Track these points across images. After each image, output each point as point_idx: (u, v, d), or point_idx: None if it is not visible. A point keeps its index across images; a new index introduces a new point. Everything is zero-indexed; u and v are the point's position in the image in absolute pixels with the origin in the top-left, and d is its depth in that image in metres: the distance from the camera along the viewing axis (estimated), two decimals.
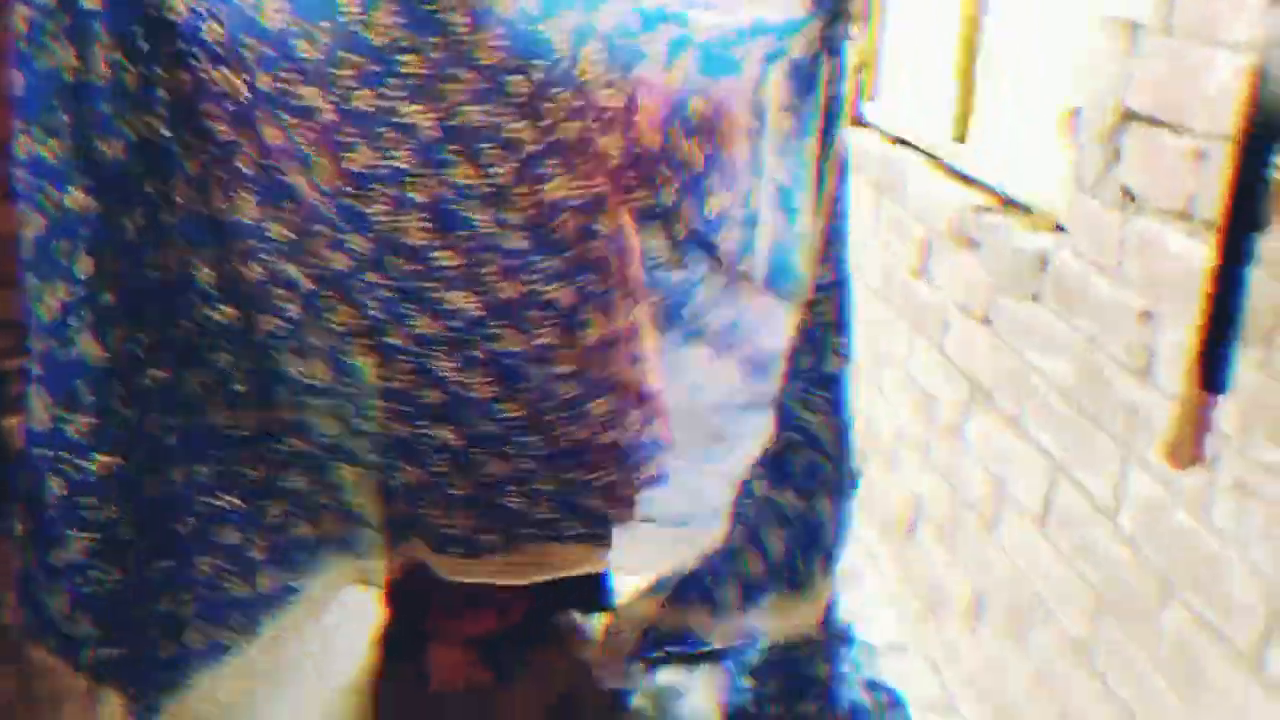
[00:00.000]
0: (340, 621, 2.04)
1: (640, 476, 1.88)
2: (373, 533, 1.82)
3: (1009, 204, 2.02)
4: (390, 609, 2.11)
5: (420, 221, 1.60)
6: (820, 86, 1.53)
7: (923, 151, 2.41)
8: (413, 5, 1.50)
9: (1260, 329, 1.27)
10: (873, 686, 2.04)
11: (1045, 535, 1.79)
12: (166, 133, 1.51)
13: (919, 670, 2.23)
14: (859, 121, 2.84)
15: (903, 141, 2.54)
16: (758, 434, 1.73)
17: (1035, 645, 1.83)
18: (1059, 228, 1.81)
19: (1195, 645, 1.40)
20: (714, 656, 2.07)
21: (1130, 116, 1.54)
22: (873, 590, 2.49)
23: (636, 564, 1.94)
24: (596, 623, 2.19)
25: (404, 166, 1.57)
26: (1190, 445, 1.38)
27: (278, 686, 1.81)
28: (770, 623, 1.81)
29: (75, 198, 1.43)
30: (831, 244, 1.60)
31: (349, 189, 1.57)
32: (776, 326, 1.71)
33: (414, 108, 1.54)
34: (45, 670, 1.61)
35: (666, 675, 2.11)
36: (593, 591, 2.17)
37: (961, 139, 2.26)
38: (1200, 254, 1.37)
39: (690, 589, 1.85)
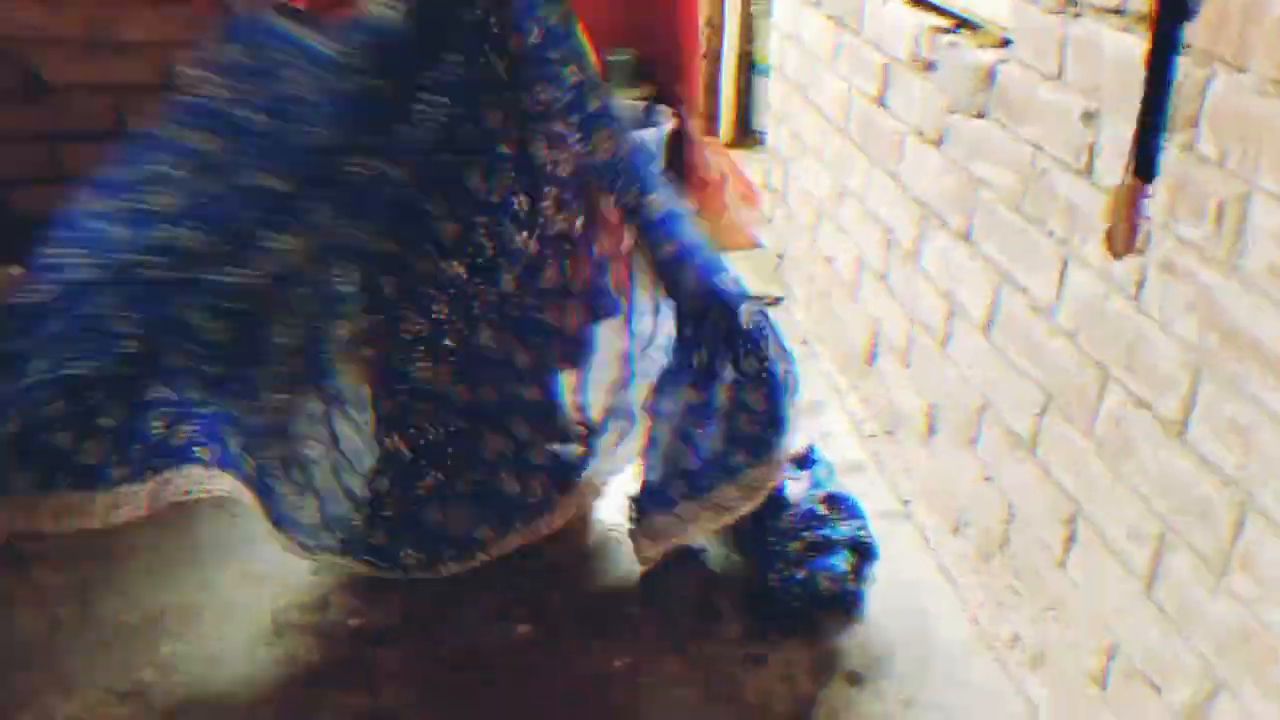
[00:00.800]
0: None
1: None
2: None
3: (964, 24, 2.05)
4: None
5: None
6: None
7: None
8: None
9: (1185, 115, 1.33)
10: (831, 500, 2.15)
11: (991, 342, 1.88)
12: None
13: (876, 484, 2.35)
14: None
15: None
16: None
17: (983, 447, 1.94)
18: (1005, 42, 1.84)
19: (1128, 423, 1.50)
20: None
21: None
22: (834, 418, 2.59)
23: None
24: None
25: None
26: (1125, 233, 1.45)
27: None
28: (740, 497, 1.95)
29: None
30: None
31: None
32: None
33: None
34: None
35: None
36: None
37: None
38: (1136, 49, 1.41)
39: (658, 500, 2.00)
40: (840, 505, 2.13)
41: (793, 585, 2.00)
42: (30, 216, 2.79)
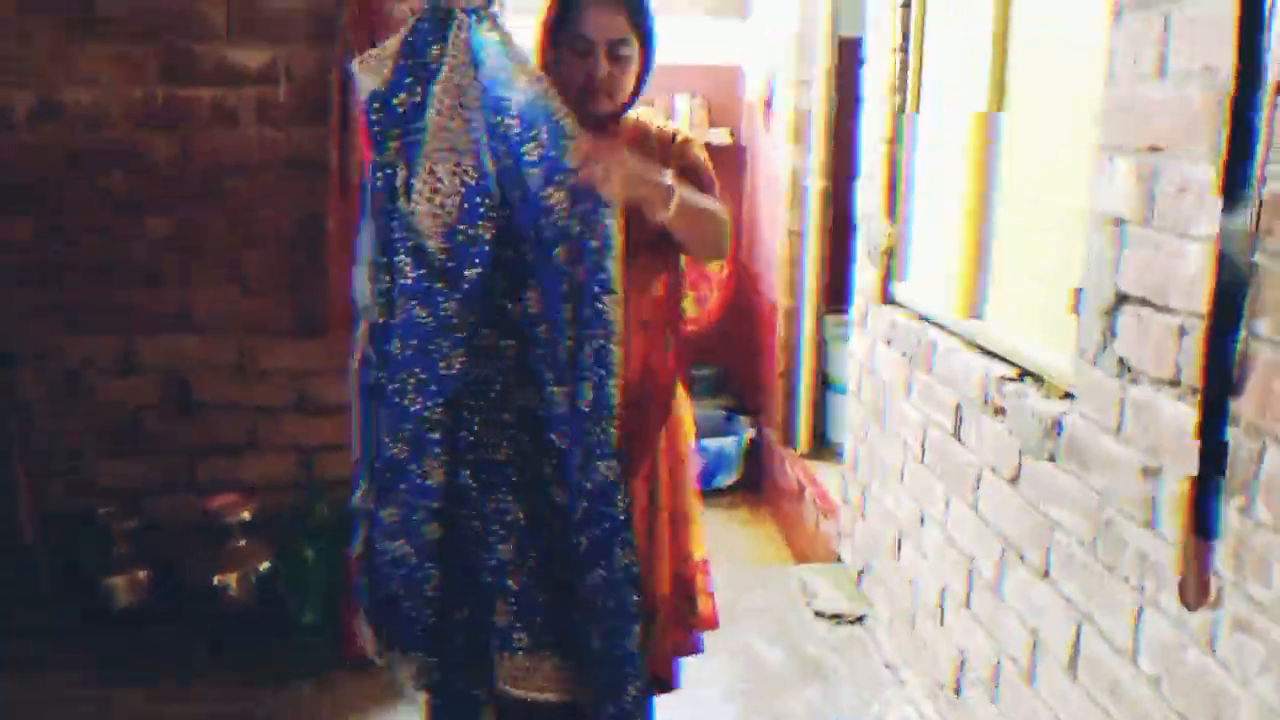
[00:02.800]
0: None
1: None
2: None
3: (1026, 374, 2.23)
4: None
5: None
6: None
7: (947, 329, 2.65)
8: None
9: (1240, 480, 1.45)
10: None
11: (1077, 681, 1.92)
12: None
13: None
14: (890, 300, 3.10)
15: (928, 319, 2.79)
16: None
17: None
18: (1069, 395, 2.01)
19: None
20: None
21: (1122, 298, 1.76)
22: None
23: None
24: None
25: None
26: (1197, 586, 1.54)
27: None
28: None
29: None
30: None
31: None
32: None
33: None
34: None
35: None
36: None
37: (978, 317, 2.50)
38: (1188, 416, 1.56)
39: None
40: None
41: None
42: (162, 523, 3.07)
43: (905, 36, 2.99)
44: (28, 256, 2.94)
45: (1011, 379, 2.25)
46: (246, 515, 2.99)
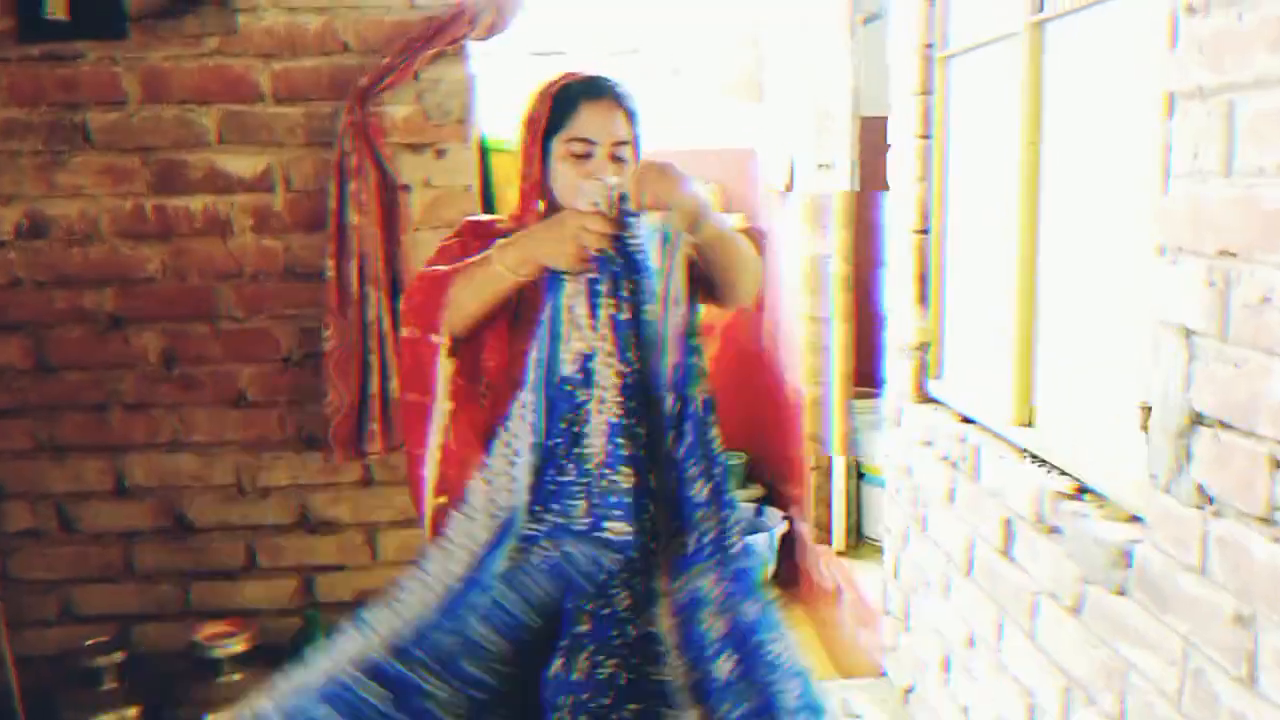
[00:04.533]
0: None
1: None
2: None
3: (1085, 490, 2.02)
4: None
5: None
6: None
7: (992, 432, 2.44)
8: None
9: None
10: None
11: None
12: None
13: None
14: (926, 398, 2.90)
15: (972, 421, 2.58)
16: None
17: None
18: (1136, 518, 1.80)
19: None
20: None
21: (1198, 419, 1.56)
22: None
23: None
24: None
25: None
26: None
27: None
28: None
29: None
30: None
31: None
32: None
33: None
34: None
35: None
36: None
37: (1026, 423, 2.29)
38: None
39: None
40: None
41: None
42: (153, 653, 2.88)
43: (928, 122, 2.84)
44: (16, 381, 2.80)
45: (1068, 495, 2.04)
46: (240, 646, 2.79)
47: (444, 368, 1.72)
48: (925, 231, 2.87)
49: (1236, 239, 1.46)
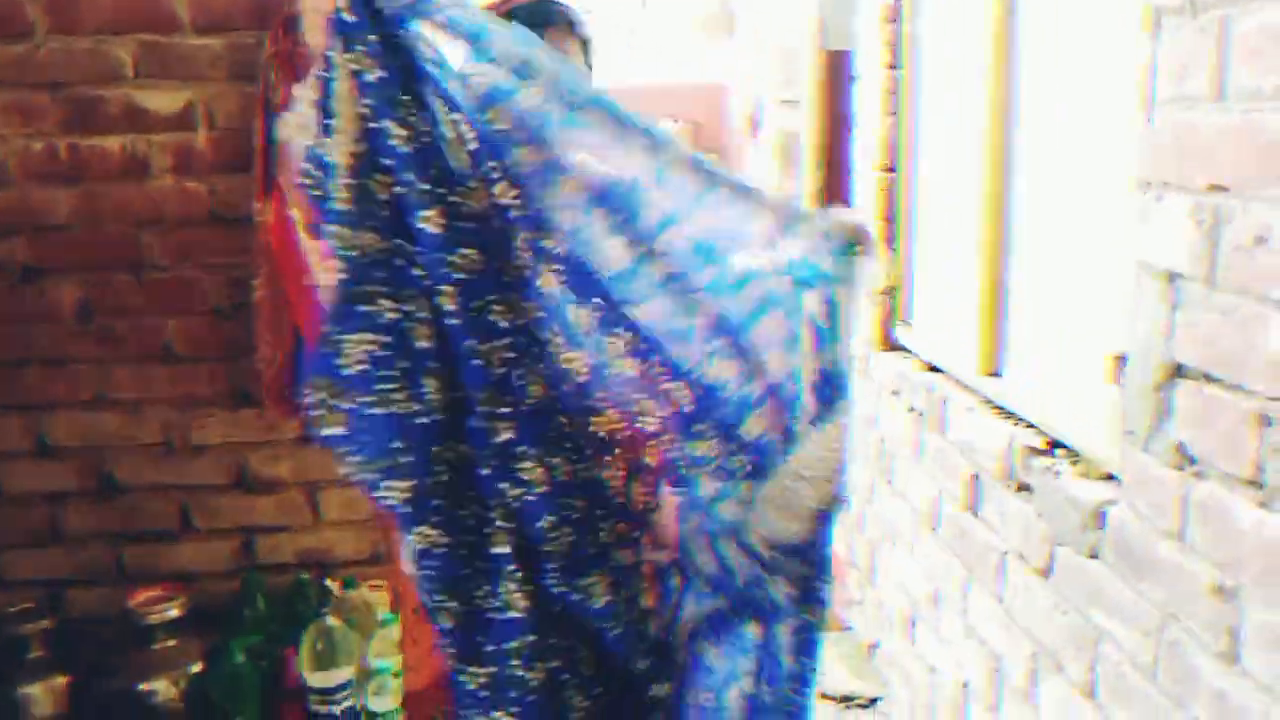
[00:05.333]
0: None
1: None
2: None
3: (1057, 445, 1.90)
4: None
5: None
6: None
7: (960, 383, 2.31)
8: None
9: None
10: None
11: None
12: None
13: None
14: (893, 345, 2.76)
15: (939, 369, 2.45)
16: None
17: None
18: (1111, 477, 1.68)
19: None
20: None
21: (1179, 371, 1.43)
22: None
23: None
24: None
25: None
26: None
27: None
28: None
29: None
30: None
31: None
32: None
33: None
34: None
35: None
36: None
37: (993, 373, 2.16)
38: (1277, 527, 1.22)
39: None
40: None
41: None
42: (85, 619, 2.74)
43: (896, 51, 2.66)
44: None
45: (1040, 450, 1.91)
46: (174, 612, 2.65)
47: None
48: (892, 170, 2.72)
49: (1229, 172, 1.31)
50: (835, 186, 3.49)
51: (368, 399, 1.38)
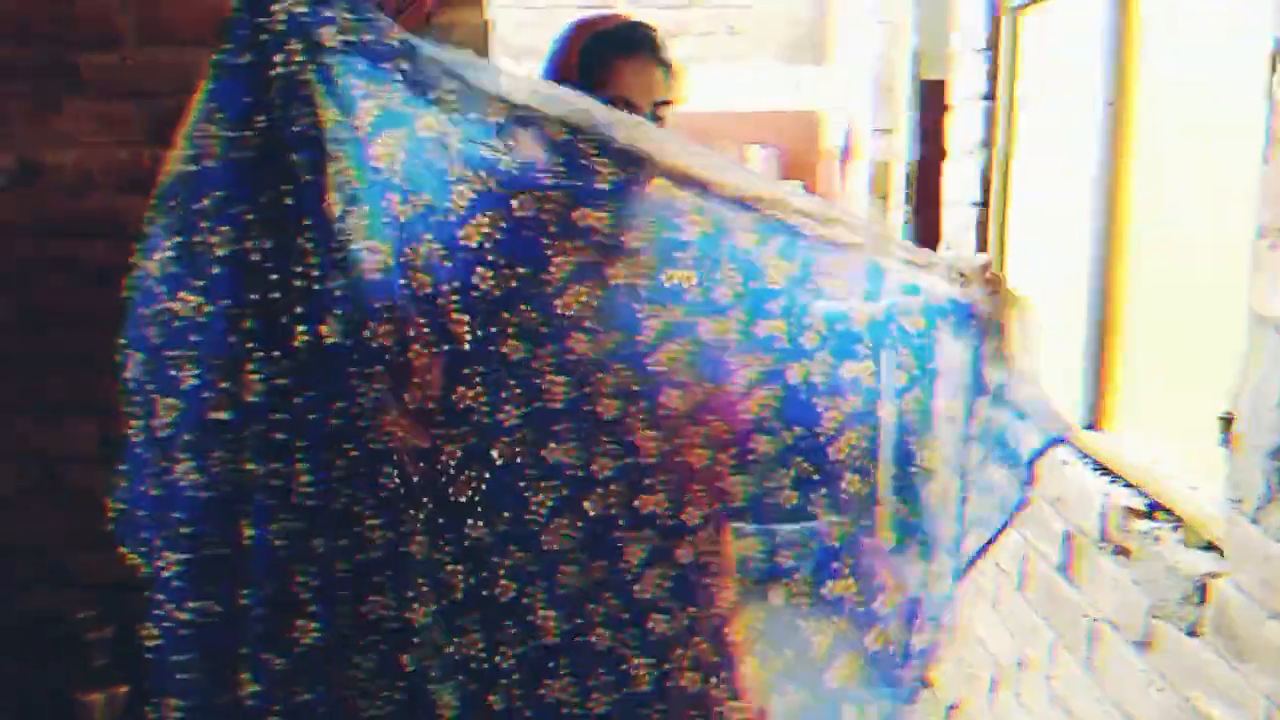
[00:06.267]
0: None
1: None
2: None
3: (1159, 508, 1.74)
4: None
5: None
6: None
7: None
8: None
9: None
10: None
11: None
12: None
13: None
14: None
15: None
16: None
17: None
18: (1212, 546, 1.53)
19: None
20: None
21: None
22: None
23: None
24: None
25: None
26: None
27: None
28: None
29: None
30: None
31: None
32: None
33: None
34: None
35: None
36: None
37: (1092, 425, 2.01)
38: None
39: None
40: None
41: None
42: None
43: (994, 82, 2.53)
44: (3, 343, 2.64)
45: (1140, 512, 1.76)
46: None
47: None
48: (984, 205, 2.58)
49: None
50: (929, 218, 3.36)
51: None
